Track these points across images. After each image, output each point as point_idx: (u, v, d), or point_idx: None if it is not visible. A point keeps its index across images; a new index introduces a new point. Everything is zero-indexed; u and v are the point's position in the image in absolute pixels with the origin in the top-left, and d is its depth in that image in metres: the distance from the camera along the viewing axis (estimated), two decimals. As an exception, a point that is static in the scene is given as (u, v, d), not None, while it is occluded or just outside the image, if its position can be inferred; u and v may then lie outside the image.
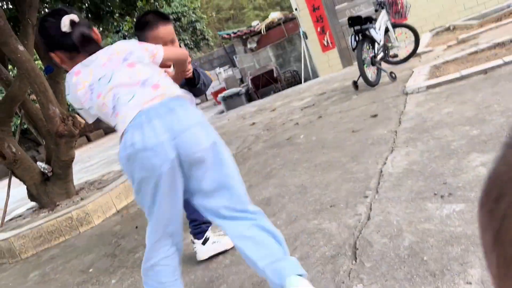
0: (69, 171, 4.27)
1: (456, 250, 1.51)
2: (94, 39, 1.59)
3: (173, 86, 1.55)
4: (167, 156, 1.36)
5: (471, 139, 2.47)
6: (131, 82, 1.47)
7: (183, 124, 1.40)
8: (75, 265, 2.87)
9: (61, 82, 4.58)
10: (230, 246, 2.17)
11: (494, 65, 3.79)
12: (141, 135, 1.35)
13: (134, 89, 1.45)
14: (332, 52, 9.37)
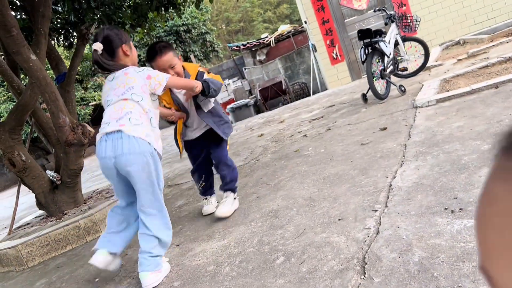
0: (77, 180, 4.28)
1: (467, 266, 1.48)
2: (107, 64, 2.36)
3: (134, 127, 2.25)
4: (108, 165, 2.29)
5: (482, 154, 2.44)
6: (114, 114, 2.29)
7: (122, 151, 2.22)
8: (82, 274, 2.86)
9: (72, 91, 4.63)
10: None
11: (505, 79, 3.76)
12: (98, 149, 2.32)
13: (110, 120, 2.29)
14: (341, 65, 9.39)
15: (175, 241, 2.85)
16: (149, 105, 2.34)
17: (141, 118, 2.28)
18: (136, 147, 2.21)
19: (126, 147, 2.20)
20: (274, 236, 2.34)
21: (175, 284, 2.19)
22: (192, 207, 3.54)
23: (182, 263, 2.44)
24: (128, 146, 2.20)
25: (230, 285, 1.97)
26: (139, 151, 2.22)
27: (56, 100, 3.73)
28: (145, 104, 2.32)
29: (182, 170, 5.56)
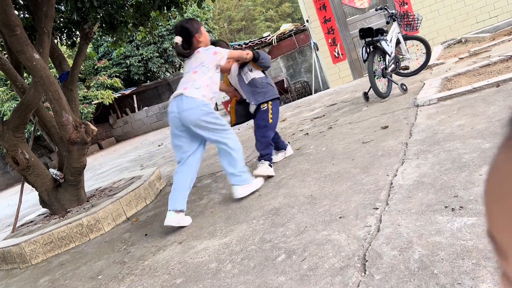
0: (80, 178, 4.31)
1: (467, 264, 1.49)
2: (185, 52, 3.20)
3: (193, 90, 3.05)
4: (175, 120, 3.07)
5: (483, 152, 2.45)
6: (183, 83, 3.17)
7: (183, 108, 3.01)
8: (85, 272, 2.88)
9: (75, 90, 4.66)
10: None
11: (506, 78, 3.76)
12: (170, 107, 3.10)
13: (179, 87, 3.16)
14: (342, 64, 9.40)
15: (177, 238, 2.87)
16: (212, 76, 3.13)
17: (201, 84, 3.06)
18: (192, 104, 2.99)
19: (185, 105, 3.00)
20: (275, 234, 2.36)
21: (177, 281, 2.21)
22: (194, 205, 3.56)
23: (184, 260, 2.46)
24: (187, 104, 3.00)
25: (232, 282, 1.99)
26: (195, 106, 2.99)
27: (59, 99, 3.75)
28: (210, 74, 3.12)
29: (184, 168, 5.58)
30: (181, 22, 3.22)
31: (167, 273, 2.37)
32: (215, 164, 5.09)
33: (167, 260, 2.56)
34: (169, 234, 3.02)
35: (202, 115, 3.00)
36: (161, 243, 2.89)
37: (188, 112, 2.98)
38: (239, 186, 3.17)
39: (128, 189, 4.25)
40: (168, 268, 2.43)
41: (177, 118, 3.04)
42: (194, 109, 2.98)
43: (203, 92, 3.04)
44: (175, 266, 2.43)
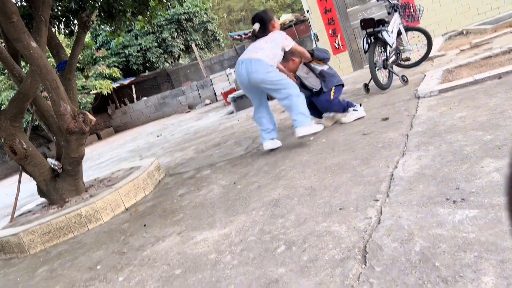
0: (79, 168, 4.29)
1: (469, 256, 1.48)
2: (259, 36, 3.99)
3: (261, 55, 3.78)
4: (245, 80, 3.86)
5: (484, 144, 2.43)
6: (252, 48, 3.89)
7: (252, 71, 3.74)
8: (83, 262, 2.88)
9: (73, 79, 4.62)
10: None
11: (508, 70, 3.74)
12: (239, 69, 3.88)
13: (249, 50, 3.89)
14: (343, 55, 9.34)
15: (177, 229, 2.86)
16: (277, 53, 3.90)
17: (268, 53, 3.81)
18: (260, 66, 3.72)
19: (254, 67, 3.74)
20: (275, 225, 2.35)
21: (176, 272, 2.20)
22: (193, 196, 3.55)
23: (183, 251, 2.45)
24: (255, 66, 3.73)
25: (232, 273, 1.98)
26: (262, 68, 3.72)
27: (57, 88, 3.72)
28: (276, 51, 3.89)
29: (184, 159, 5.56)
30: (259, 12, 4.09)
31: (166, 263, 2.36)
32: (214, 155, 5.07)
33: (166, 250, 2.55)
34: (168, 225, 3.01)
35: (267, 76, 3.73)
36: (160, 234, 2.88)
37: (256, 74, 3.74)
38: (301, 127, 3.76)
39: (127, 179, 4.23)
40: (167, 259, 2.42)
41: (247, 79, 3.83)
42: (261, 71, 3.72)
43: (268, 58, 3.78)
44: (174, 256, 2.42)
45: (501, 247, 1.48)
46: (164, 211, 3.39)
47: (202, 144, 6.41)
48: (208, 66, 22.14)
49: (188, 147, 6.58)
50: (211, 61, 22.62)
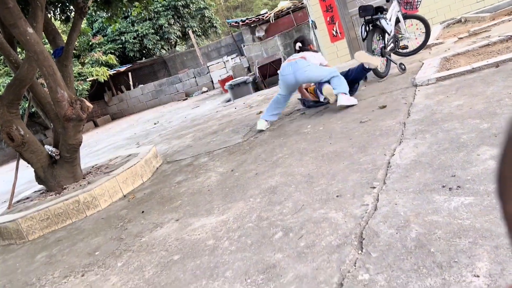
0: (76, 155, 4.29)
1: (464, 242, 1.50)
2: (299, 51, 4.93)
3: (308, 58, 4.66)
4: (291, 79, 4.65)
5: (481, 132, 2.44)
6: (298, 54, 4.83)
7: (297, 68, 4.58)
8: (82, 248, 2.90)
9: (69, 66, 4.59)
10: None
11: (506, 58, 3.74)
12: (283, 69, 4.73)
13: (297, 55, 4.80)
14: (341, 43, 9.29)
15: (174, 216, 2.88)
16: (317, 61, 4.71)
17: (309, 56, 4.69)
18: (304, 63, 4.57)
19: (299, 65, 4.56)
20: (272, 212, 2.37)
21: (175, 257, 2.23)
22: (191, 183, 3.56)
23: (181, 237, 2.47)
24: (300, 64, 4.56)
25: (229, 259, 2.00)
26: (305, 65, 4.56)
27: (54, 75, 3.70)
28: (315, 59, 4.70)
29: (181, 146, 5.57)
30: (301, 35, 5.18)
31: (164, 249, 2.38)
32: (212, 143, 5.08)
33: (164, 237, 2.57)
34: (166, 212, 3.03)
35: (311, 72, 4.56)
36: (158, 220, 2.90)
37: (302, 70, 4.53)
38: (343, 96, 4.36)
39: (125, 166, 4.24)
40: (165, 245, 2.44)
41: (293, 77, 4.58)
42: (306, 68, 4.54)
43: (312, 59, 4.65)
44: (172, 243, 2.44)
45: (496, 233, 1.50)
46: (162, 198, 3.41)
47: (200, 131, 6.41)
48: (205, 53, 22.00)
49: (186, 135, 6.57)
50: (208, 48, 22.48)
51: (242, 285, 1.74)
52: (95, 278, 2.34)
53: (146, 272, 2.18)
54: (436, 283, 1.36)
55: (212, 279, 1.88)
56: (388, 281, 1.45)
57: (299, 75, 4.53)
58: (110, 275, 2.30)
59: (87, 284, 2.30)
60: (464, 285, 1.31)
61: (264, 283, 1.71)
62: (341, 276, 1.57)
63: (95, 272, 2.42)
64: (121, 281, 2.18)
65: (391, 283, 1.43)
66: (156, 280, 2.06)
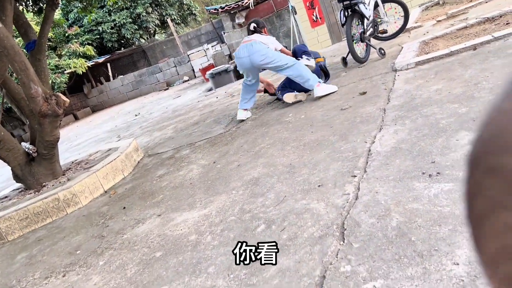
0: (54, 151, 4.19)
1: (443, 230, 1.51)
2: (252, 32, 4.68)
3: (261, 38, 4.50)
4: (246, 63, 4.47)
5: (459, 117, 2.46)
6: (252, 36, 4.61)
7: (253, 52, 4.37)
8: (63, 247, 2.84)
9: (43, 60, 4.45)
10: None
11: (483, 41, 3.76)
12: (239, 51, 4.52)
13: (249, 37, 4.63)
14: (321, 28, 9.26)
15: (156, 211, 2.84)
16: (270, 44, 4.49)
17: (264, 39, 4.49)
18: (259, 46, 4.36)
19: (254, 49, 4.35)
20: (255, 204, 2.35)
21: (157, 254, 2.20)
22: (173, 177, 3.52)
23: (163, 233, 2.44)
24: (255, 47, 4.35)
25: (212, 254, 1.98)
26: (261, 47, 4.35)
27: (26, 70, 3.58)
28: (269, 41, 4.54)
29: (163, 139, 5.50)
30: (256, 19, 4.88)
31: (146, 246, 2.35)
32: (193, 134, 5.02)
33: (146, 233, 2.53)
34: (148, 207, 2.99)
35: (267, 55, 4.34)
36: (140, 216, 2.86)
37: (257, 54, 4.33)
38: (318, 87, 4.27)
39: (105, 161, 4.16)
40: (147, 241, 2.41)
41: (248, 60, 4.39)
42: (260, 51, 4.33)
43: (266, 42, 4.44)
44: (155, 239, 2.40)
45: (475, 220, 1.51)
46: (144, 193, 3.36)
47: (181, 122, 6.33)
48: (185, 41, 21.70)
49: (167, 126, 6.49)
50: (188, 36, 22.16)
51: (225, 281, 1.73)
52: (76, 278, 2.30)
53: (128, 271, 2.15)
54: (417, 272, 1.36)
55: (195, 276, 1.86)
56: (369, 272, 1.45)
57: (254, 58, 4.37)
58: (91, 275, 2.26)
59: (68, 284, 2.25)
60: (444, 273, 1.32)
61: (247, 278, 1.69)
62: (324, 268, 1.57)
63: (76, 272, 2.38)
64: (103, 281, 2.15)
65: (373, 274, 1.43)
66: (139, 278, 2.03)
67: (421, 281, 1.32)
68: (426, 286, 1.30)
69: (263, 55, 4.35)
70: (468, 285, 1.24)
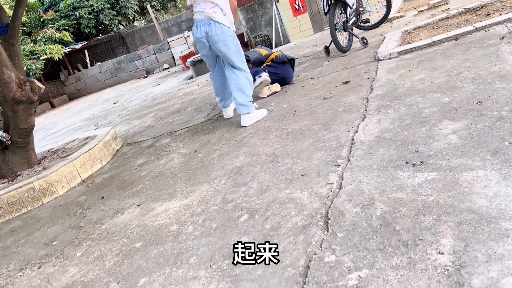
0: (29, 139, 4.06)
1: (428, 219, 1.50)
2: None
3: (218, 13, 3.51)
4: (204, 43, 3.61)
5: (442, 107, 2.46)
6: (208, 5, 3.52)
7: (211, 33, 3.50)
8: (38, 238, 2.75)
9: (17, 44, 4.28)
10: None
11: (464, 31, 3.78)
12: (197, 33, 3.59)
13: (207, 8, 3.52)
14: (303, 17, 9.21)
15: (136, 201, 2.78)
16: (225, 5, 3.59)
17: (227, 10, 3.57)
18: (220, 30, 3.51)
19: (214, 31, 3.51)
20: (237, 194, 2.31)
21: (136, 245, 2.14)
22: (153, 166, 3.45)
23: (143, 223, 2.38)
24: (215, 29, 3.50)
25: (194, 245, 1.94)
26: (223, 32, 3.52)
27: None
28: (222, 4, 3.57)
29: (142, 127, 5.39)
30: None
31: (125, 237, 2.29)
32: (174, 123, 4.94)
33: (126, 223, 2.47)
34: (127, 197, 2.92)
35: (229, 41, 3.55)
36: (119, 206, 2.79)
37: (217, 37, 3.52)
38: (245, 115, 3.61)
39: (82, 150, 4.05)
40: (126, 232, 2.35)
41: (206, 41, 3.61)
42: (221, 35, 3.52)
43: (229, 19, 3.60)
44: (134, 229, 2.35)
45: (459, 209, 1.50)
46: (123, 182, 3.28)
47: (161, 111, 6.22)
48: (165, 28, 21.34)
49: (147, 115, 6.38)
50: (168, 23, 21.80)
51: (207, 272, 1.69)
52: (52, 269, 2.23)
53: (107, 262, 2.09)
54: (402, 262, 1.35)
55: (176, 267, 1.81)
56: (354, 261, 1.43)
57: (213, 42, 3.56)
58: (68, 266, 2.20)
59: (44, 276, 2.18)
60: (429, 263, 1.31)
61: (229, 269, 1.66)
62: (308, 258, 1.54)
63: (52, 263, 2.30)
64: (81, 272, 2.08)
65: (358, 264, 1.42)
66: (118, 269, 1.97)
67: (406, 270, 1.31)
68: (411, 275, 1.29)
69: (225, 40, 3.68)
70: (453, 274, 1.23)
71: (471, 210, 1.48)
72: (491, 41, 3.36)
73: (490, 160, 1.74)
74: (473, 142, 1.93)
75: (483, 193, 1.55)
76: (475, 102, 2.36)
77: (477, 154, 1.82)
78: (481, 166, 1.72)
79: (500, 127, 1.98)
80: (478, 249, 1.29)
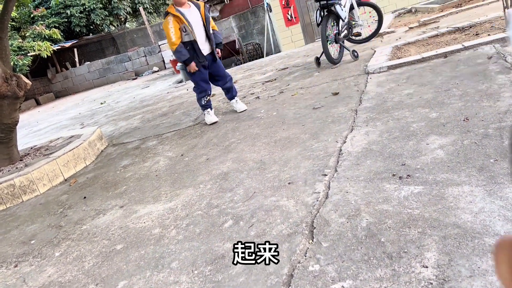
0: (12, 135, 3.98)
1: (413, 232, 1.50)
2: None
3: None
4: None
5: (430, 122, 2.48)
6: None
7: None
8: (16, 236, 2.68)
9: (5, 39, 4.20)
10: None
11: (454, 49, 3.84)
12: None
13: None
14: (295, 27, 9.27)
15: (119, 202, 2.73)
16: None
17: None
18: None
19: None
20: (223, 199, 2.29)
21: (117, 247, 2.10)
22: (138, 167, 3.40)
23: (125, 225, 2.34)
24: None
25: (176, 249, 1.91)
26: None
27: (-15, 47, 3.36)
28: None
29: (128, 128, 5.33)
30: None
31: (106, 238, 2.25)
32: (161, 125, 4.90)
33: (107, 224, 2.42)
34: (110, 198, 2.87)
35: None
36: (101, 207, 2.74)
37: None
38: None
39: (66, 148, 3.98)
40: (108, 233, 2.30)
41: None
42: None
43: None
44: (116, 231, 2.30)
45: (444, 223, 1.51)
46: (106, 183, 3.23)
47: (149, 113, 6.17)
48: (156, 31, 21.27)
49: (134, 116, 6.31)
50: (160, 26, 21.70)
51: (188, 277, 1.66)
52: (29, 269, 2.17)
53: (86, 263, 2.04)
54: (386, 274, 1.35)
55: (157, 271, 1.78)
56: (338, 272, 1.42)
57: None
58: (46, 266, 2.14)
59: (19, 276, 2.12)
60: (413, 276, 1.31)
61: (212, 274, 1.63)
62: (292, 267, 1.53)
63: (29, 262, 2.24)
64: (58, 273, 2.03)
65: (342, 274, 1.41)
66: (97, 271, 1.93)
67: (390, 282, 1.31)
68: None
69: None
70: (436, 288, 1.23)
71: (456, 224, 1.48)
72: (479, 60, 3.42)
73: (475, 176, 1.76)
74: (459, 158, 1.95)
75: (468, 208, 1.55)
76: (462, 118, 2.39)
77: (463, 170, 1.83)
78: (466, 181, 1.74)
79: (486, 144, 2.00)
80: (462, 264, 1.29)
